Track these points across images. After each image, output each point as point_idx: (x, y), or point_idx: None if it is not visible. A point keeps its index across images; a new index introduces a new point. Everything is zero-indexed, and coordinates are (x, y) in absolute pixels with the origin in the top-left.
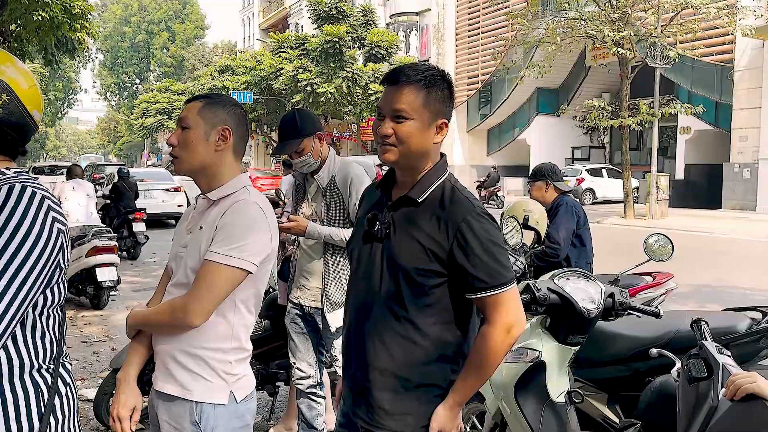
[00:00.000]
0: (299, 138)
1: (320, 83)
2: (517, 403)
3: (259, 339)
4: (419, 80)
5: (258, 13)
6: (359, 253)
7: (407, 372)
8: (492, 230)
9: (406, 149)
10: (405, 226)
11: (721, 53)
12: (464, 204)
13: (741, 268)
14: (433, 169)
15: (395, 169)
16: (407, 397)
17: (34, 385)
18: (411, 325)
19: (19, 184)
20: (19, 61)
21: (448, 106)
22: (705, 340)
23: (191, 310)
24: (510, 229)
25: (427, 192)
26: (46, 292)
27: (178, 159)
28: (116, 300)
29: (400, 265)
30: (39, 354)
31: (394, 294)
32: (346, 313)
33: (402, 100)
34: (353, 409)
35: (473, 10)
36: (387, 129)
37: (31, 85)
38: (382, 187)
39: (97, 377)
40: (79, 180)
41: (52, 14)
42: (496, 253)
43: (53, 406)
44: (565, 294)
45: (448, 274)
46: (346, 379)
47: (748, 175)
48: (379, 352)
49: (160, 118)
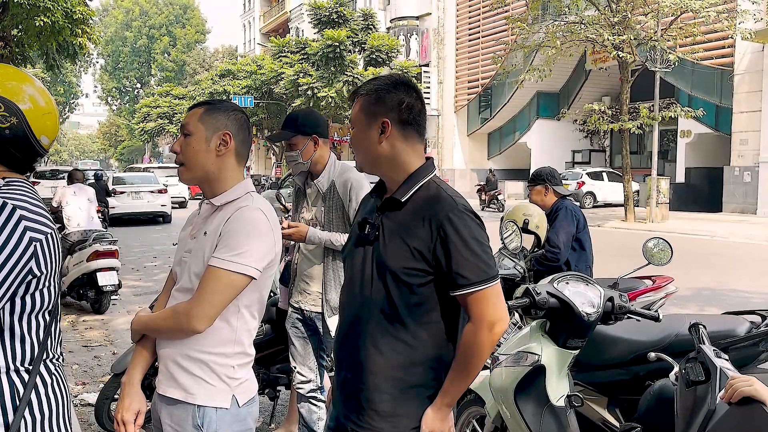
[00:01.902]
0: (293, 132)
1: (321, 87)
2: (517, 407)
3: (260, 343)
4: (363, 93)
5: (259, 17)
6: (352, 259)
7: (399, 373)
8: (474, 227)
9: (363, 156)
10: (392, 228)
11: (721, 57)
12: (447, 201)
13: (741, 272)
14: (417, 171)
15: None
16: (399, 398)
17: (9, 385)
18: (402, 327)
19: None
20: (38, 81)
21: (392, 108)
22: (703, 344)
23: (195, 315)
24: (509, 233)
25: (411, 192)
26: (25, 299)
27: (183, 166)
28: (117, 304)
29: (388, 266)
30: (16, 357)
31: (384, 296)
32: (340, 309)
33: (354, 113)
34: (344, 412)
35: (473, 14)
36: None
37: (46, 112)
38: (377, 193)
39: (98, 382)
40: (80, 184)
41: (53, 19)
42: (478, 250)
43: (29, 402)
44: (564, 298)
45: (434, 272)
46: (336, 383)
47: (748, 178)
48: (371, 355)
49: (161, 122)
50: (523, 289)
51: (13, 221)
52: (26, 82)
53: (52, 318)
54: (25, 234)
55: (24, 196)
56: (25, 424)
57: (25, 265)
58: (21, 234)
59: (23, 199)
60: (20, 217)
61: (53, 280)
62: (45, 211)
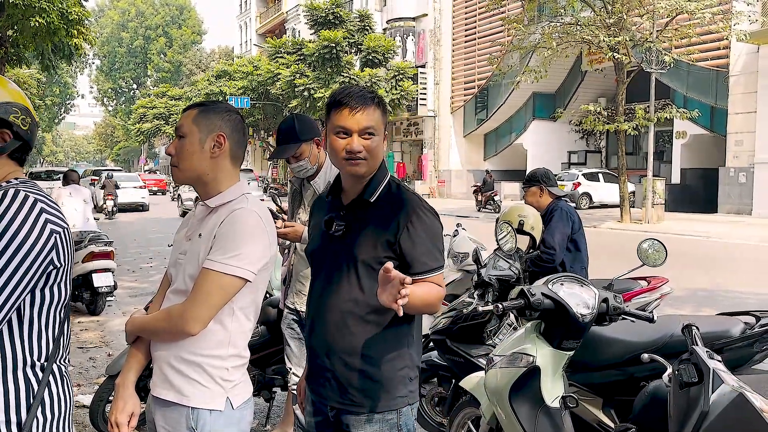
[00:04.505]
0: (297, 143)
1: (317, 88)
2: (511, 408)
3: (255, 345)
4: (374, 101)
5: (255, 18)
6: (321, 254)
7: (371, 351)
8: (435, 223)
9: (373, 161)
10: (361, 223)
11: (716, 58)
12: (413, 200)
13: (736, 272)
14: (378, 173)
15: (346, 178)
16: (375, 373)
17: (25, 381)
18: (371, 309)
19: (13, 188)
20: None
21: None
22: (696, 345)
23: (189, 318)
24: (505, 235)
25: (377, 192)
26: (44, 291)
27: (177, 168)
28: (113, 306)
29: (359, 257)
30: (33, 352)
31: (356, 283)
32: (308, 306)
33: (371, 119)
34: (324, 395)
35: (470, 16)
36: (359, 146)
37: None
38: (333, 195)
39: (93, 383)
40: (76, 185)
41: (49, 20)
42: (437, 243)
43: (42, 401)
44: (559, 299)
45: (398, 259)
46: (313, 370)
47: (743, 179)
48: (345, 335)
49: (157, 123)
50: (518, 291)
51: (35, 213)
52: (10, 83)
53: (65, 315)
54: (47, 226)
55: (40, 193)
56: (36, 423)
57: (47, 255)
58: (43, 225)
59: (40, 195)
60: (41, 209)
61: (67, 276)
62: (58, 208)
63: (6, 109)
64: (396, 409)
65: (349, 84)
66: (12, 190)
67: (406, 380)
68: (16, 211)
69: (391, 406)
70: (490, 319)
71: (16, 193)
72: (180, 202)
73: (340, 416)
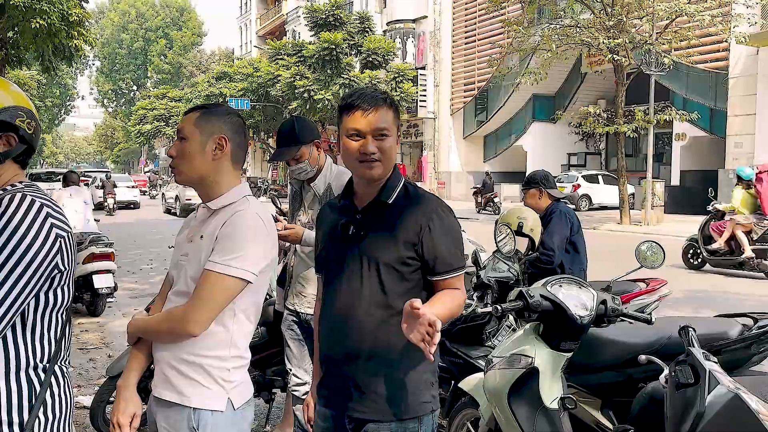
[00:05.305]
0: (297, 145)
1: (317, 90)
2: (510, 409)
3: (255, 346)
4: (386, 102)
5: (255, 20)
6: (337, 260)
7: (396, 355)
8: (455, 223)
9: (388, 162)
10: (380, 225)
11: (715, 60)
12: (432, 200)
13: (735, 274)
14: (392, 175)
15: (360, 181)
16: (401, 378)
17: (28, 382)
18: (393, 311)
19: (19, 192)
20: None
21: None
22: (692, 347)
23: (190, 319)
24: (503, 237)
25: (395, 194)
26: (48, 294)
27: (178, 170)
28: (113, 307)
29: (380, 259)
30: (36, 354)
31: (377, 286)
32: (324, 314)
33: (384, 120)
34: (344, 405)
35: (469, 18)
36: (373, 147)
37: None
38: (345, 198)
39: (93, 384)
40: (76, 187)
41: (49, 21)
42: (458, 243)
43: (44, 402)
44: (557, 301)
45: (420, 260)
46: (329, 380)
47: None
48: (368, 340)
49: (158, 124)
50: (516, 292)
51: (41, 217)
52: (13, 85)
53: (68, 317)
54: (52, 230)
55: (45, 197)
56: (38, 424)
57: (52, 259)
58: (48, 230)
59: (45, 199)
60: (47, 214)
61: (70, 279)
62: (62, 212)
63: (12, 114)
64: (417, 417)
65: (360, 86)
66: (18, 195)
67: (429, 385)
68: (22, 216)
69: (417, 411)
70: (489, 321)
71: (22, 198)
72: (164, 199)
73: (360, 427)
